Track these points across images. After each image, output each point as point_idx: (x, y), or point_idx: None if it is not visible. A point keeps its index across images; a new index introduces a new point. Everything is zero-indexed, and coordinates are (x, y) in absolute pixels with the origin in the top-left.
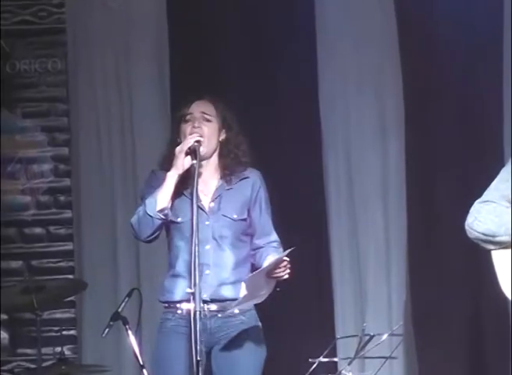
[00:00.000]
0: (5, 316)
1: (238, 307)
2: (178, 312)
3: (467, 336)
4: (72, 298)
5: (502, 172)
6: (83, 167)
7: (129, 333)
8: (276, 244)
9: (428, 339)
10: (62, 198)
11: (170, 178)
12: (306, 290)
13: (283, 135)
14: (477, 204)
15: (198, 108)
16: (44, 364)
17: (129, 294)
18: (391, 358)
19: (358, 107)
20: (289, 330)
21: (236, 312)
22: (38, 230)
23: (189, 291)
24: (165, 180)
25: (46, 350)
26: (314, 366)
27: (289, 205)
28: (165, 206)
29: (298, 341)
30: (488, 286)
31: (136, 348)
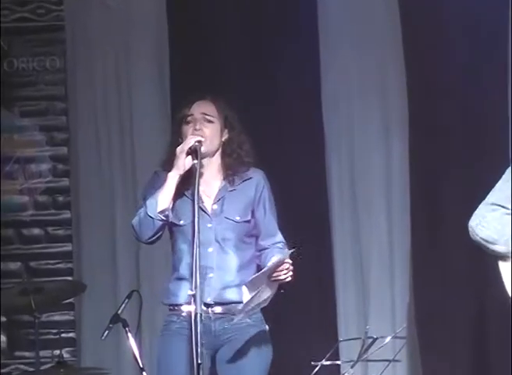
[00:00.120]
0: (3, 319)
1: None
2: (182, 314)
3: (471, 338)
4: (71, 300)
5: (507, 172)
6: (82, 167)
7: (129, 335)
8: (281, 245)
9: (432, 342)
10: (61, 199)
11: (171, 179)
12: (308, 292)
13: (285, 136)
14: (483, 206)
15: (199, 108)
16: (43, 367)
17: (129, 296)
18: (394, 361)
19: (361, 108)
20: (292, 332)
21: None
22: (36, 230)
23: (190, 293)
24: (166, 181)
25: (44, 353)
26: (317, 369)
27: (292, 207)
28: (166, 207)
29: (300, 344)
30: (493, 288)
31: (136, 351)
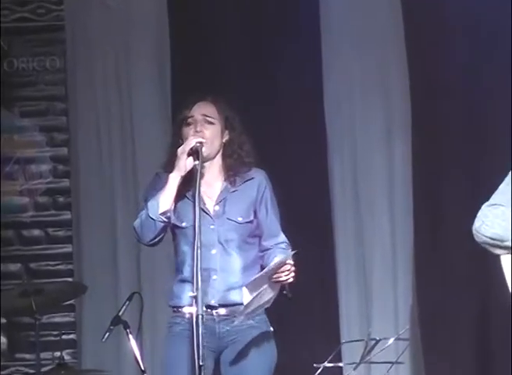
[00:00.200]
0: (4, 320)
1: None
2: (186, 316)
3: (474, 340)
4: (72, 302)
5: (509, 175)
6: (82, 168)
7: (130, 337)
8: (284, 246)
9: (435, 344)
10: (61, 200)
11: (172, 180)
12: (311, 294)
13: (287, 137)
14: (484, 207)
15: (200, 110)
16: (43, 369)
17: (130, 297)
18: (397, 363)
19: (364, 108)
20: (294, 334)
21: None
22: (37, 232)
23: (191, 294)
24: (167, 183)
25: (45, 355)
26: (319, 371)
27: (294, 208)
28: (168, 209)
29: (303, 346)
30: (496, 289)
31: (137, 353)
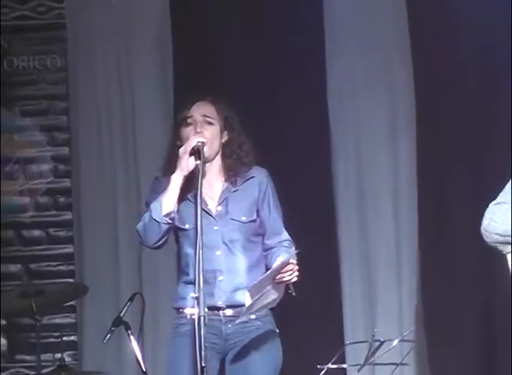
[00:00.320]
0: (4, 322)
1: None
2: (193, 317)
3: (480, 341)
4: (73, 303)
5: None
6: (83, 167)
7: (132, 338)
8: (287, 244)
9: (440, 345)
10: (62, 200)
11: (175, 180)
12: (314, 294)
13: (291, 134)
14: (491, 206)
15: (199, 110)
16: (44, 371)
17: (131, 298)
18: (402, 364)
19: (368, 104)
20: (297, 335)
21: (252, 318)
22: (37, 232)
23: (193, 295)
24: (169, 184)
25: (46, 356)
26: (323, 373)
27: (298, 205)
28: (172, 210)
29: (306, 347)
30: (503, 289)
31: (138, 354)
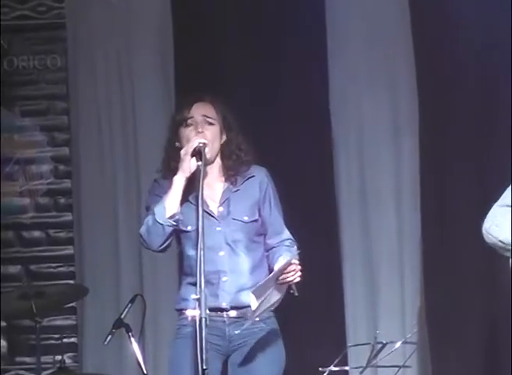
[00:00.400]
0: (4, 323)
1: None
2: (194, 319)
3: (483, 344)
4: (73, 305)
5: None
6: (83, 168)
7: (132, 340)
8: (289, 243)
9: (444, 347)
10: (63, 201)
11: (177, 182)
12: (316, 295)
13: (293, 133)
14: (495, 207)
15: (199, 110)
16: (44, 373)
17: (132, 300)
18: (405, 367)
19: (370, 103)
20: (299, 337)
21: (255, 320)
22: (37, 233)
23: (194, 297)
24: (171, 186)
25: (46, 358)
26: None
27: (300, 204)
28: (176, 212)
29: (308, 349)
30: (506, 289)
31: (139, 356)
